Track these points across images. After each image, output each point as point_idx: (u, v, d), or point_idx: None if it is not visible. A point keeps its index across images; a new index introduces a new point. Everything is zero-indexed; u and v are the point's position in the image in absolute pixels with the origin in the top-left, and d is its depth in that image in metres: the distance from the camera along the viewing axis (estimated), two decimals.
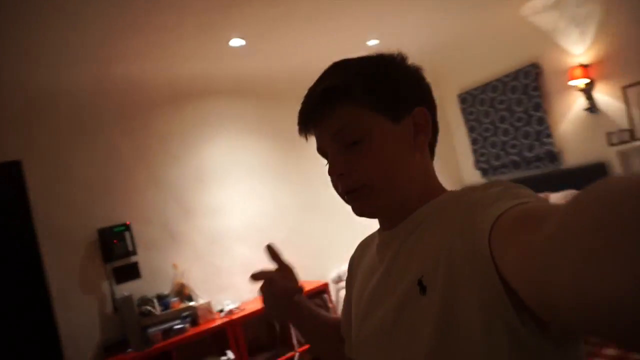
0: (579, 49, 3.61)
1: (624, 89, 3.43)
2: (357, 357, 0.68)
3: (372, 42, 3.68)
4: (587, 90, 3.57)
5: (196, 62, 3.27)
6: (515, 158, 4.13)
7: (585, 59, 3.57)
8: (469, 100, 4.37)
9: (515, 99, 4.01)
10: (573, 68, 3.58)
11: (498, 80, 4.10)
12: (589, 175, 3.62)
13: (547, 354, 0.46)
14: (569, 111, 3.77)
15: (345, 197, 0.66)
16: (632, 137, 3.43)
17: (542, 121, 3.87)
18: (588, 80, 3.54)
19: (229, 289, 3.25)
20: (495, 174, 4.34)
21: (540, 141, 3.92)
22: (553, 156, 3.88)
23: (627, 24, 3.33)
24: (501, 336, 0.46)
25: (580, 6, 3.54)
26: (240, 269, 3.28)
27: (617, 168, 3.52)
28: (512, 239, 0.39)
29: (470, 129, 4.44)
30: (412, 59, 0.69)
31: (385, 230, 0.68)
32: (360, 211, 0.65)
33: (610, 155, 3.54)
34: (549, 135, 3.85)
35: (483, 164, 4.41)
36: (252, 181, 3.59)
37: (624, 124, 3.48)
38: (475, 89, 4.29)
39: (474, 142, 4.44)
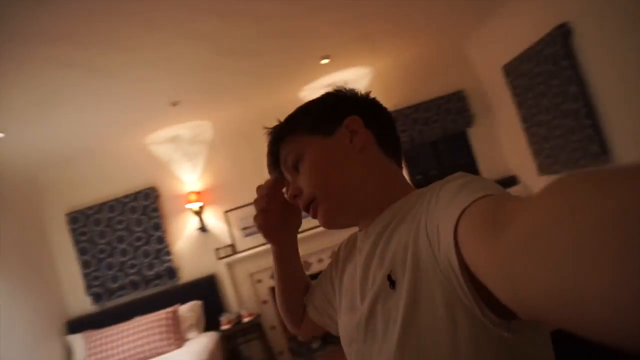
0: (191, 177, 4.30)
1: (226, 212, 4.29)
2: (345, 348, 0.71)
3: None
4: (199, 213, 4.21)
5: None
6: (135, 278, 4.05)
7: (197, 187, 4.27)
8: (81, 220, 4.05)
9: (135, 219, 4.11)
10: (188, 193, 4.18)
11: (117, 200, 4.11)
12: (204, 287, 4.06)
13: (512, 342, 0.48)
14: (185, 230, 4.23)
15: (306, 213, 0.73)
16: (234, 251, 4.22)
17: (161, 240, 4.11)
18: (201, 204, 4.20)
19: None
20: (112, 298, 4.02)
21: (160, 259, 4.09)
22: (172, 272, 4.10)
23: (225, 163, 4.36)
24: (465, 326, 0.49)
25: (192, 144, 4.34)
26: None
27: (226, 278, 4.14)
28: (480, 237, 0.39)
29: (82, 251, 4.02)
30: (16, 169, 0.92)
31: (360, 230, 0.74)
32: (323, 222, 0.71)
33: (219, 267, 4.16)
34: (168, 253, 4.10)
35: (97, 289, 4.00)
36: None
37: (227, 240, 4.26)
38: (90, 207, 4.08)
39: (85, 265, 4.01)
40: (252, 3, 2.37)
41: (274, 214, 0.82)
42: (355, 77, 4.38)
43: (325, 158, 0.70)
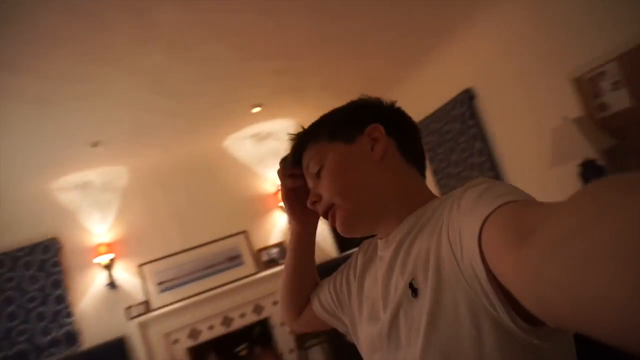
0: (101, 228, 3.90)
1: (140, 266, 3.93)
2: (365, 358, 0.73)
3: None
4: (109, 267, 3.80)
5: None
6: (25, 347, 3.43)
7: (107, 238, 3.88)
8: None
9: (29, 275, 3.56)
10: (97, 245, 3.78)
11: (6, 254, 3.55)
12: (111, 352, 3.58)
13: (539, 349, 0.48)
14: (91, 287, 3.76)
15: (325, 219, 0.73)
16: (148, 309, 3.83)
17: (61, 299, 3.59)
18: (111, 256, 3.80)
19: None
20: None
21: (58, 322, 3.55)
22: (72, 337, 3.56)
23: (139, 213, 4.06)
24: (490, 334, 0.49)
25: (103, 192, 3.99)
26: None
27: (137, 340, 3.71)
28: (505, 245, 0.39)
29: None
30: None
31: (380, 238, 0.73)
32: (341, 230, 0.71)
33: (130, 328, 3.72)
34: (69, 315, 3.59)
35: None
36: None
37: (140, 297, 3.86)
38: None
39: None
40: (198, 43, 2.38)
41: (301, 193, 0.81)
42: (281, 128, 4.49)
43: (345, 165, 0.70)
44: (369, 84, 4.14)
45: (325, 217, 0.72)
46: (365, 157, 0.70)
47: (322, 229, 4.54)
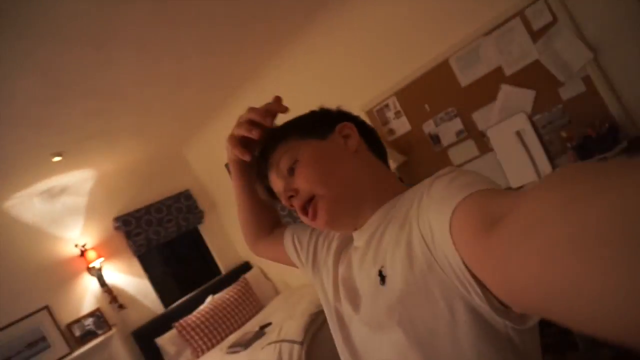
0: None
1: None
2: (334, 331, 0.74)
3: None
4: None
5: None
6: None
7: None
8: None
9: None
10: None
11: None
12: None
13: (508, 331, 0.50)
14: None
15: (303, 215, 0.71)
16: None
17: None
18: None
19: None
20: None
21: None
22: None
23: None
24: (464, 316, 0.50)
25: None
26: None
27: None
28: (474, 233, 0.40)
29: None
30: None
31: (356, 229, 0.73)
32: (324, 221, 0.69)
33: None
34: None
35: None
36: None
37: None
38: None
39: None
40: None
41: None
42: (78, 180, 3.95)
43: (322, 155, 0.71)
44: (181, 125, 4.10)
45: (304, 212, 0.70)
46: (340, 150, 0.72)
47: (146, 286, 4.14)
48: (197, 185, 5.00)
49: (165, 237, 4.43)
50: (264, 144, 0.76)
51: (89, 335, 3.60)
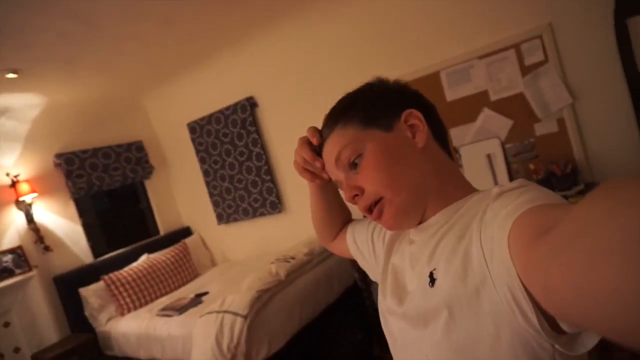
0: None
1: None
2: (383, 319, 0.74)
3: None
4: None
5: None
6: None
7: None
8: None
9: None
10: None
11: None
12: None
13: (559, 358, 0.49)
14: None
15: (367, 214, 0.70)
16: None
17: None
18: None
19: None
20: None
21: None
22: None
23: None
24: (508, 337, 0.50)
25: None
26: None
27: None
28: (525, 243, 0.41)
29: None
30: None
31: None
32: (388, 226, 0.70)
33: None
34: None
35: None
36: None
37: None
38: None
39: None
40: None
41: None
42: (23, 104, 3.59)
43: (389, 155, 0.67)
44: (149, 72, 3.87)
45: (368, 212, 0.69)
46: (407, 146, 0.67)
47: (77, 232, 3.88)
48: (152, 138, 4.74)
49: (108, 185, 4.17)
50: (326, 124, 0.74)
51: (5, 272, 3.31)
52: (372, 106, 0.70)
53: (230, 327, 2.45)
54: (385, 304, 0.72)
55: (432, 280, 0.59)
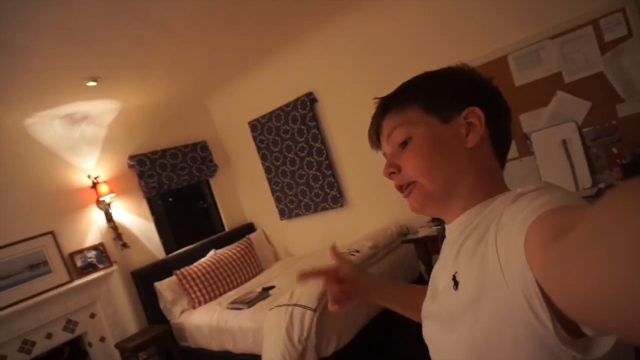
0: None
1: None
2: (423, 320, 0.74)
3: None
4: None
5: None
6: None
7: None
8: None
9: None
10: None
11: None
12: None
13: None
14: None
15: (398, 190, 0.73)
16: None
17: None
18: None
19: None
20: None
21: None
22: None
23: None
24: (527, 342, 0.49)
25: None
26: None
27: None
28: (542, 245, 0.40)
29: None
30: None
31: (447, 223, 0.73)
32: (412, 207, 0.71)
33: None
34: None
35: None
36: None
37: None
38: None
39: None
40: None
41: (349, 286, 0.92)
42: (101, 112, 3.84)
43: (437, 145, 0.67)
44: (213, 73, 3.99)
45: (400, 189, 0.72)
46: (458, 142, 0.67)
47: (151, 230, 4.10)
48: (215, 138, 4.91)
49: (176, 184, 4.36)
50: (382, 105, 0.75)
51: (90, 267, 3.56)
52: (437, 94, 0.70)
53: (300, 319, 2.48)
54: (425, 307, 0.74)
55: (456, 283, 0.60)
